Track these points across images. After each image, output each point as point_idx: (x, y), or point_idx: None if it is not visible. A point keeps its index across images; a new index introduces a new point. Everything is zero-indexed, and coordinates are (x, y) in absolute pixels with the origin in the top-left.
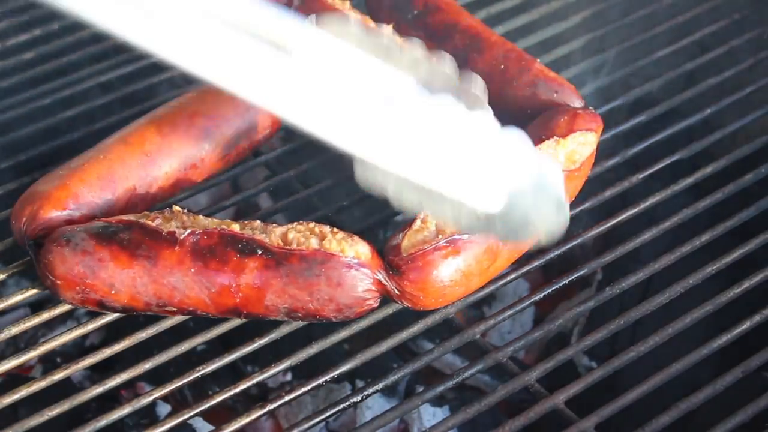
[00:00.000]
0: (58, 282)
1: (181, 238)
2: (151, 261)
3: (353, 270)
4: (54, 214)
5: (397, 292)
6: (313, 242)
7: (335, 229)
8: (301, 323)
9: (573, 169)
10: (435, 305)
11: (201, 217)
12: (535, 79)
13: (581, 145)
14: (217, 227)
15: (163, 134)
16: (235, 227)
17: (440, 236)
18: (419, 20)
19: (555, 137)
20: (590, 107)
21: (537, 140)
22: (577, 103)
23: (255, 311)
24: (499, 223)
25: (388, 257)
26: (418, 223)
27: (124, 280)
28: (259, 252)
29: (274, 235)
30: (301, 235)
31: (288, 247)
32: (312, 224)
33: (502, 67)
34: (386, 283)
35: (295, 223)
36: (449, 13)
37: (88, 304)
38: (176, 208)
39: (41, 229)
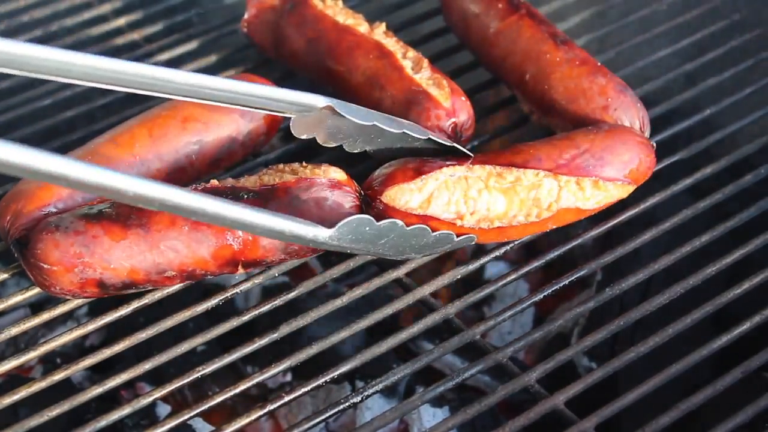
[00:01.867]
0: (55, 268)
1: None
2: (144, 228)
3: (337, 189)
4: (37, 212)
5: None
6: (289, 178)
7: (304, 163)
8: (301, 324)
9: (590, 209)
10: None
11: None
12: (627, 86)
13: (616, 189)
14: (196, 185)
15: (154, 137)
16: (214, 182)
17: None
18: (524, 5)
19: (597, 178)
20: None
21: (578, 154)
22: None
23: (253, 256)
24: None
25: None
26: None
27: (121, 252)
28: (245, 196)
29: (250, 182)
30: (275, 176)
31: (271, 184)
32: (281, 165)
33: (599, 64)
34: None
35: (265, 169)
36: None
37: (88, 286)
38: None
39: (24, 227)
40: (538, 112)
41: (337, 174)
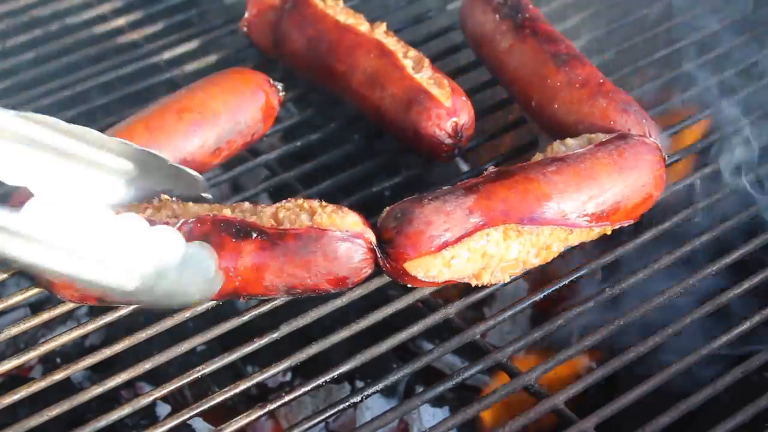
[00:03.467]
0: (56, 282)
1: (176, 228)
2: None
3: (347, 242)
4: None
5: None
6: (304, 218)
7: (323, 203)
8: (301, 324)
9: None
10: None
11: (190, 204)
12: (631, 102)
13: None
14: (209, 213)
15: (151, 129)
16: (227, 211)
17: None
18: (528, 21)
19: (610, 224)
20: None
21: (599, 203)
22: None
23: (255, 292)
24: (147, 295)
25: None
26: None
27: None
28: (254, 235)
29: (266, 215)
30: (291, 213)
31: (282, 227)
32: (300, 200)
33: (601, 81)
34: (376, 251)
35: (284, 201)
36: (555, 30)
37: (88, 300)
38: (164, 197)
39: None
40: (548, 135)
41: (354, 222)
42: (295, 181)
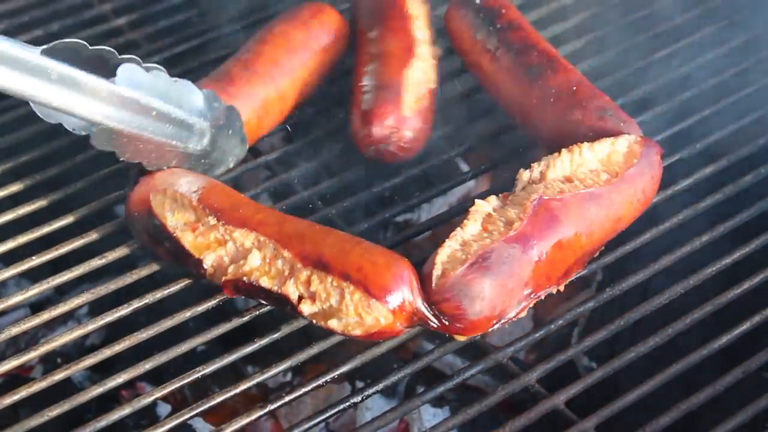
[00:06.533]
0: None
1: None
2: None
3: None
4: None
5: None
6: (333, 302)
7: (353, 285)
8: (301, 323)
9: None
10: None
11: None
12: (605, 106)
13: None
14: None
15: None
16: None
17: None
18: (501, 33)
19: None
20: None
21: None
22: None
23: None
24: (202, 159)
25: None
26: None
27: None
28: None
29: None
30: (323, 290)
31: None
32: (330, 279)
33: (574, 88)
34: (424, 314)
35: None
36: (530, 34)
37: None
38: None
39: None
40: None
41: (381, 314)
42: (296, 181)
